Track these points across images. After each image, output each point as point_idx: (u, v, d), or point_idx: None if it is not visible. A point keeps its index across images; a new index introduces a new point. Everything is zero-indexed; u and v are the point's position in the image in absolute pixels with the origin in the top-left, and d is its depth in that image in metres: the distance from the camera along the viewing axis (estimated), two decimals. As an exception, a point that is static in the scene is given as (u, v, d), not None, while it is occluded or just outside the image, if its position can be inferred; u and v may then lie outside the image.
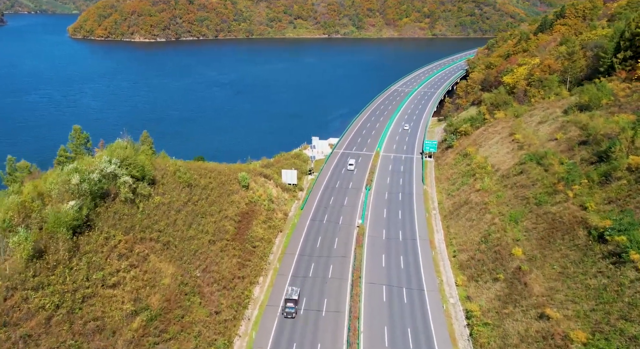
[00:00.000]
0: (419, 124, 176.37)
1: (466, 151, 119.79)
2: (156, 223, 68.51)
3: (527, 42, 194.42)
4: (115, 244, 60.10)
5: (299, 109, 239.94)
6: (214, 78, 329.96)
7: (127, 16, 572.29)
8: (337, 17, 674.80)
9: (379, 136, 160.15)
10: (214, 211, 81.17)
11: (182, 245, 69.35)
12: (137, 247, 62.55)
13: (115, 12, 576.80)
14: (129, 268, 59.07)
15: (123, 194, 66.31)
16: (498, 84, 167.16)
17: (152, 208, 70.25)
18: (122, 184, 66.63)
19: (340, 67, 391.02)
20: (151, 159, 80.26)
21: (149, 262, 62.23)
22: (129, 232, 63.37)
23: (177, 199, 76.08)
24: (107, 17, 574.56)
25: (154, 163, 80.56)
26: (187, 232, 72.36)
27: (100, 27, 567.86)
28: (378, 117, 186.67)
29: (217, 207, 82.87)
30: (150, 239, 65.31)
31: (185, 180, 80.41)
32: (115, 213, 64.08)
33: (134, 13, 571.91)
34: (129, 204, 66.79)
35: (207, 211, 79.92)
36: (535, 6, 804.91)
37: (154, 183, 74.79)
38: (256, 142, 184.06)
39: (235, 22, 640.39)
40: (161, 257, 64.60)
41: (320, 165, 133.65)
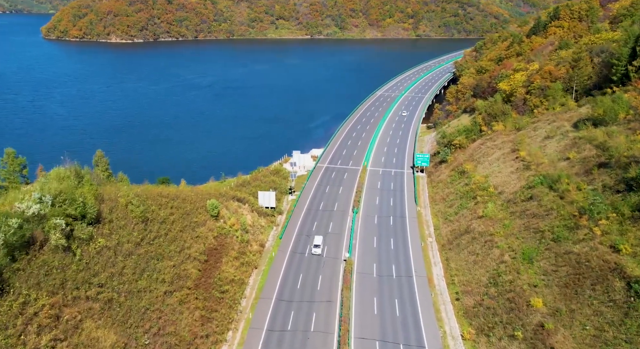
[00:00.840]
0: (407, 133, 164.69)
1: (463, 168, 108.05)
2: (96, 275, 55.36)
3: (521, 45, 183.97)
4: (35, 311, 46.89)
5: (281, 114, 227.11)
6: (192, 81, 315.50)
7: (102, 16, 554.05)
8: (320, 18, 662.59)
9: (365, 147, 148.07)
10: (174, 252, 68.06)
11: (129, 302, 56.27)
12: (67, 311, 49.39)
13: (90, 12, 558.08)
14: (51, 344, 45.89)
15: (53, 241, 53.09)
16: (492, 91, 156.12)
17: (93, 255, 57.08)
18: (52, 227, 53.40)
19: (323, 69, 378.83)
20: (98, 189, 66.94)
21: (81, 331, 49.10)
22: (57, 291, 50.18)
23: (127, 240, 62.93)
24: (82, 17, 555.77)
25: (102, 193, 67.42)
26: (137, 283, 59.26)
27: (75, 28, 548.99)
28: (364, 125, 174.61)
29: (178, 246, 69.80)
30: (86, 299, 52.19)
31: (139, 214, 67.25)
32: (42, 267, 50.85)
33: (110, 13, 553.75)
34: (61, 252, 53.58)
35: (165, 253, 66.83)
36: (519, 7, 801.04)
37: (99, 221, 61.62)
38: (234, 153, 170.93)
39: (215, 22, 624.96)
40: (100, 322, 51.49)
41: (302, 182, 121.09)
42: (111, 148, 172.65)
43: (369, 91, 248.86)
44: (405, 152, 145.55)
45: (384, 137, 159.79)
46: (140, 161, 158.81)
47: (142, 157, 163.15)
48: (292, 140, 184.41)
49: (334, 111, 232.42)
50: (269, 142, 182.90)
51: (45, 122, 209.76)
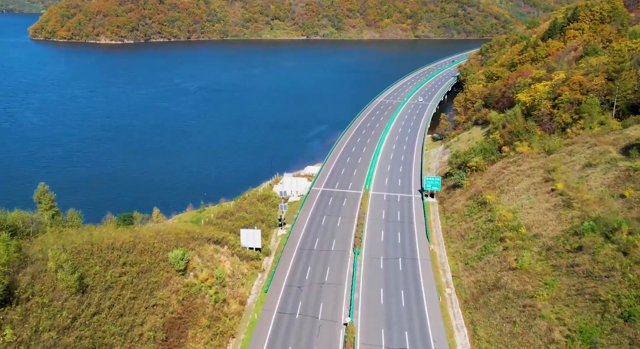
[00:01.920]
0: (413, 148, 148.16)
1: (483, 198, 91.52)
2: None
3: (536, 49, 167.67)
4: None
5: (275, 122, 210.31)
6: (182, 85, 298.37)
7: (92, 16, 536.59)
8: (316, 18, 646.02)
9: (367, 165, 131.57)
10: (118, 336, 51.24)
11: None
12: None
13: (79, 12, 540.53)
14: None
15: None
16: (508, 102, 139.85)
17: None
18: None
19: (320, 72, 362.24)
20: (21, 246, 50.21)
21: None
22: None
23: (50, 326, 46.23)
24: (70, 17, 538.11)
25: (26, 253, 50.90)
26: (57, 396, 42.58)
27: (63, 28, 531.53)
28: (364, 138, 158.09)
29: (126, 323, 53.06)
30: None
31: (73, 284, 50.51)
32: None
33: (99, 13, 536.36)
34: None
35: (107, 336, 50.06)
36: (519, 7, 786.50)
37: (10, 300, 44.98)
38: (220, 169, 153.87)
39: (208, 22, 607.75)
40: None
41: (294, 211, 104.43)
42: (80, 164, 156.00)
43: (369, 96, 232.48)
44: (411, 171, 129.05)
45: (386, 153, 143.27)
46: (113, 181, 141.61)
47: (115, 176, 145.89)
48: (286, 153, 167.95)
49: (331, 119, 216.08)
50: (260, 155, 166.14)
51: (17, 133, 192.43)
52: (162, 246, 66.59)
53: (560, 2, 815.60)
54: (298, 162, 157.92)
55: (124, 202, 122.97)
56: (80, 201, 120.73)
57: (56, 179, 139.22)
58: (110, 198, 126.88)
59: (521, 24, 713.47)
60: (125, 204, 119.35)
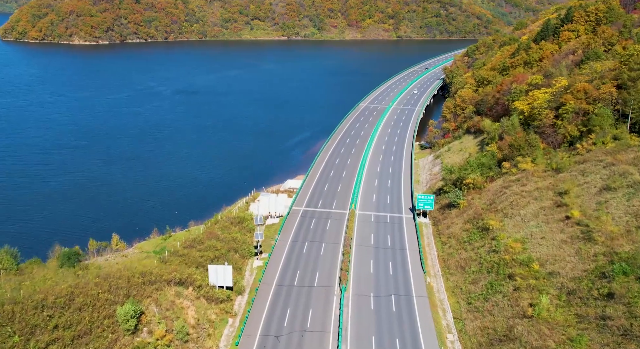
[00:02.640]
0: (401, 159, 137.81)
1: (485, 223, 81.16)
2: None
3: (528, 52, 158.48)
4: None
5: (253, 129, 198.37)
6: (157, 89, 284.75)
7: (64, 16, 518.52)
8: (297, 18, 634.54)
9: (352, 179, 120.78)
10: None
11: None
12: None
13: (51, 12, 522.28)
14: None
15: None
16: (503, 109, 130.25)
17: None
18: None
19: (301, 74, 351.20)
20: None
21: None
22: None
23: None
24: (42, 17, 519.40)
25: None
26: None
27: (35, 29, 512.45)
28: (349, 147, 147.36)
29: None
30: None
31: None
32: None
33: (72, 13, 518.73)
34: None
35: None
36: (501, 7, 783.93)
37: None
38: (192, 184, 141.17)
39: (186, 23, 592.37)
40: None
41: (272, 236, 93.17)
42: (38, 178, 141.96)
43: (352, 100, 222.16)
44: (400, 185, 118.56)
45: (373, 165, 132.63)
46: (72, 199, 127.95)
47: (75, 193, 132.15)
48: (265, 165, 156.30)
49: (314, 124, 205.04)
50: (237, 167, 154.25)
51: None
52: (108, 298, 54.92)
53: (541, 3, 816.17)
54: (278, 175, 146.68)
55: (82, 225, 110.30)
56: (28, 227, 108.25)
57: (7, 199, 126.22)
58: (67, 220, 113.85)
59: (503, 24, 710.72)
60: (83, 228, 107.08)
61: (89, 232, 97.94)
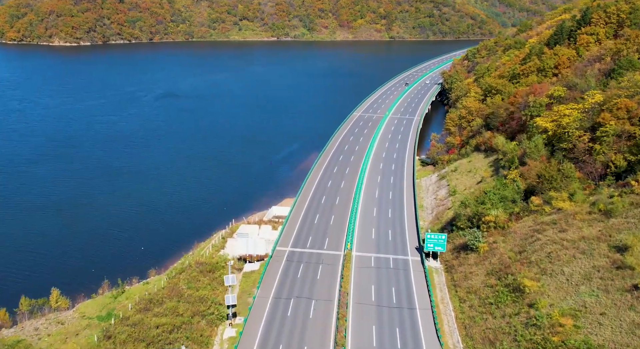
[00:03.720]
0: (402, 182, 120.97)
1: (517, 280, 64.48)
2: None
3: (541, 57, 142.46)
4: None
5: (237, 142, 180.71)
6: (135, 94, 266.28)
7: (44, 16, 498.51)
8: (287, 18, 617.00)
9: (347, 208, 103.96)
10: None
11: None
12: None
13: (30, 12, 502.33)
14: None
15: None
16: (518, 125, 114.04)
17: None
18: None
19: (291, 77, 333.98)
20: None
21: None
22: None
23: None
24: (20, 17, 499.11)
25: None
26: None
27: (13, 29, 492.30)
28: (342, 166, 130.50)
29: None
30: None
31: None
32: None
33: (52, 13, 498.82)
34: None
35: None
36: (494, 7, 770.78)
37: None
38: (161, 212, 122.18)
39: (172, 23, 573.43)
40: None
41: (251, 288, 76.13)
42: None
43: (345, 106, 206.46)
44: (403, 215, 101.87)
45: (371, 188, 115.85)
46: (16, 235, 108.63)
47: (8, 231, 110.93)
48: (248, 186, 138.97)
49: (303, 134, 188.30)
50: (216, 188, 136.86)
51: None
52: None
53: (535, 2, 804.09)
54: (263, 198, 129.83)
55: (16, 272, 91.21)
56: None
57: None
58: (7, 263, 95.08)
59: (498, 24, 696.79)
60: (18, 277, 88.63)
61: (26, 283, 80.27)
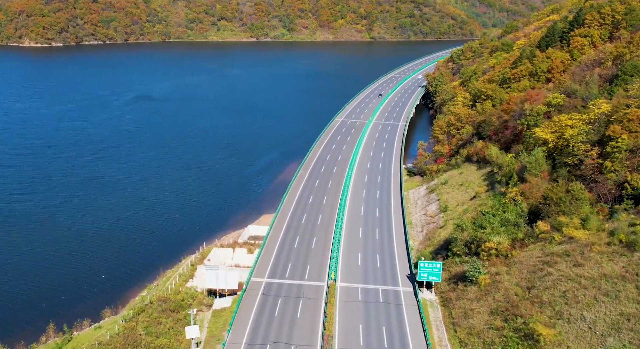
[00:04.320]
0: (389, 198, 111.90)
1: (529, 326, 55.64)
2: None
3: (533, 61, 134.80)
4: None
5: (210, 153, 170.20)
6: (105, 99, 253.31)
7: (13, 16, 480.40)
8: (266, 18, 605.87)
9: (330, 230, 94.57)
10: None
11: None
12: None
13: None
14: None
15: None
16: (513, 135, 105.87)
17: None
18: None
19: (270, 80, 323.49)
20: None
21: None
22: None
23: None
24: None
25: None
26: None
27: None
28: (324, 179, 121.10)
29: None
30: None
31: None
32: None
33: (22, 13, 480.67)
34: None
35: None
36: (474, 7, 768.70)
37: None
38: (122, 235, 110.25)
39: (148, 23, 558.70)
40: None
41: (219, 333, 66.25)
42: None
43: (327, 111, 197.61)
44: (392, 237, 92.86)
45: (355, 204, 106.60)
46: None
47: None
48: (223, 201, 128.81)
49: (284, 141, 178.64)
50: (188, 204, 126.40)
51: None
52: None
53: (514, 3, 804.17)
54: (239, 214, 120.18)
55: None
56: None
57: None
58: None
59: (478, 24, 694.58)
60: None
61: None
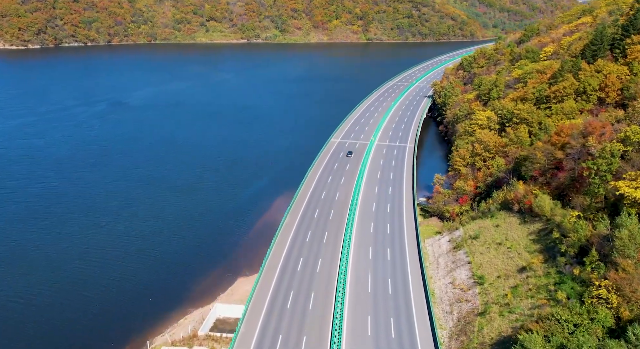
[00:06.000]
0: (404, 263, 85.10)
1: None
2: None
3: (578, 74, 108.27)
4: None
5: (181, 178, 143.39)
6: (74, 110, 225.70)
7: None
8: (257, 19, 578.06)
9: (327, 321, 67.67)
10: None
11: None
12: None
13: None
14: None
15: None
16: (569, 178, 79.09)
17: None
18: None
19: (261, 85, 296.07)
20: None
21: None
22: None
23: None
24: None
25: None
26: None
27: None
28: (318, 230, 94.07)
29: None
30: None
31: None
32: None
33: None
34: None
35: None
36: (474, 7, 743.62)
37: None
38: (44, 303, 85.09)
39: (133, 24, 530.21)
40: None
41: None
42: None
43: (321, 125, 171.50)
44: (414, 330, 66.15)
45: (360, 276, 79.59)
46: None
47: None
48: (187, 255, 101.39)
49: (272, 166, 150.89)
50: (137, 263, 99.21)
51: None
52: None
53: (515, 3, 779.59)
54: (206, 277, 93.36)
55: None
56: None
57: None
58: None
59: (479, 25, 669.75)
60: None
61: None
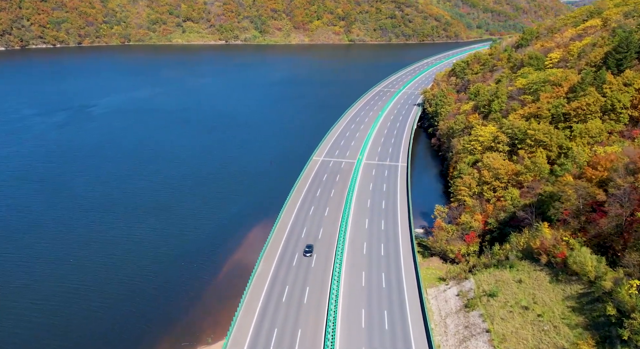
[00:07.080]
0: (405, 321, 68.59)
1: None
2: None
3: (603, 89, 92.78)
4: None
5: (142, 203, 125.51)
6: (29, 120, 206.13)
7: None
8: (236, 19, 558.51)
9: None
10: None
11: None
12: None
13: None
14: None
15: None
16: (614, 226, 63.22)
17: None
18: None
19: (240, 90, 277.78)
20: None
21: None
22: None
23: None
24: None
25: None
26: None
27: None
28: (299, 280, 76.99)
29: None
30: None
31: None
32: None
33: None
34: None
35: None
36: (458, 7, 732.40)
37: None
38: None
39: (105, 24, 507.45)
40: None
41: None
42: None
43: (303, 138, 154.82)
44: None
45: (353, 337, 62.84)
46: None
47: None
48: (149, 307, 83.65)
49: (245, 193, 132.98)
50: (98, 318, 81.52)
51: None
52: None
53: (499, 3, 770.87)
54: (174, 329, 75.46)
55: None
56: None
57: None
58: None
59: (463, 26, 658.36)
60: None
61: None
